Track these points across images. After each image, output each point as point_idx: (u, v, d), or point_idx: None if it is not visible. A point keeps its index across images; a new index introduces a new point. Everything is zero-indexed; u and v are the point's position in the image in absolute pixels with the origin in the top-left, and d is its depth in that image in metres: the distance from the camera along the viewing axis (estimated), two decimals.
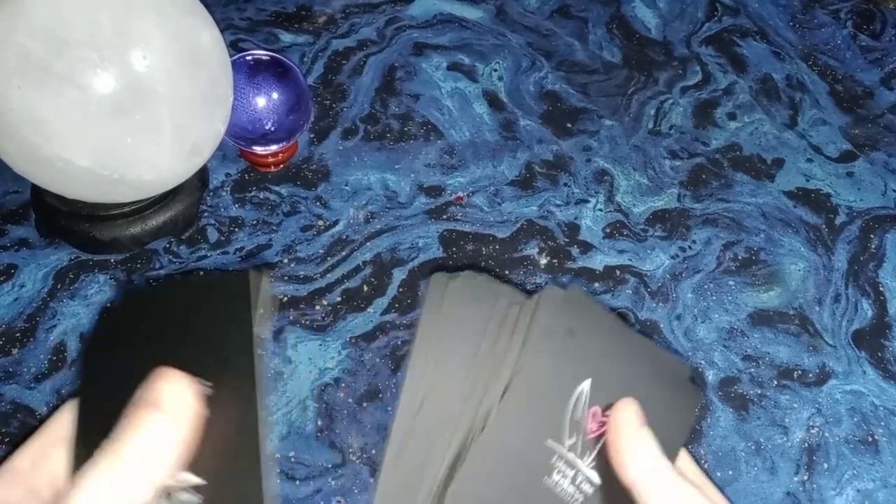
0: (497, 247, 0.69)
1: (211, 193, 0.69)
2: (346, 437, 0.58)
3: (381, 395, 0.60)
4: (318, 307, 0.63)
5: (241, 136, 0.68)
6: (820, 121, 0.82)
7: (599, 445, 0.29)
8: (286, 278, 0.64)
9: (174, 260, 0.64)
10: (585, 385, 0.29)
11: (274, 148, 0.69)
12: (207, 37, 0.57)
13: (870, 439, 0.61)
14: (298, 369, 0.60)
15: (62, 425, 0.27)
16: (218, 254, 0.65)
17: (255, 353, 0.26)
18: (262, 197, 0.69)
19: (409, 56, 0.82)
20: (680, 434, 0.31)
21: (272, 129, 0.69)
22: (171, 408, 0.24)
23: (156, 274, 0.64)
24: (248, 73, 0.67)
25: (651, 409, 0.29)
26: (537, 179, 0.74)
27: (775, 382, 0.64)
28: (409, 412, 0.28)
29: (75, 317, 0.61)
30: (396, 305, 0.64)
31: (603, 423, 0.29)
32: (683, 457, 0.31)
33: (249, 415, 0.25)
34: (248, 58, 0.67)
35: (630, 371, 0.30)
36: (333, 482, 0.56)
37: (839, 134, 0.81)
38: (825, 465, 0.59)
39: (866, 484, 0.59)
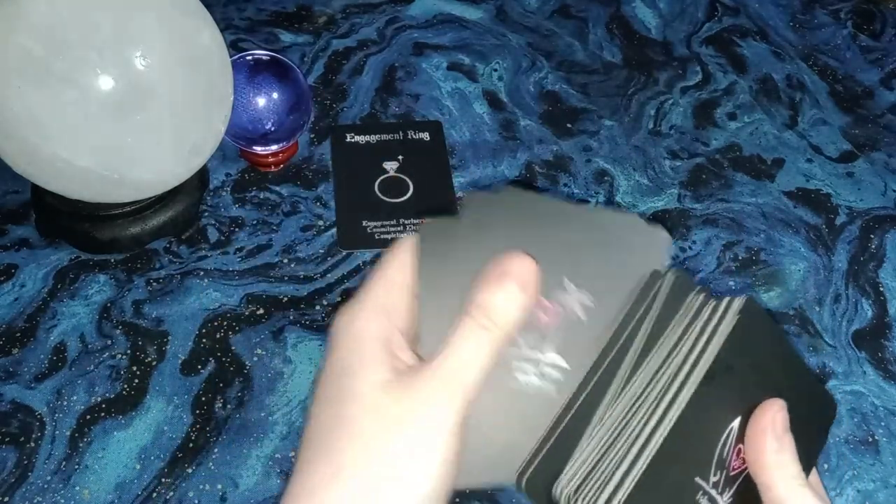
0: None
1: (211, 193, 0.69)
2: None
3: None
4: (318, 307, 0.63)
5: (241, 136, 0.68)
6: (820, 121, 0.82)
7: (738, 482, 0.28)
8: (286, 278, 0.64)
9: (174, 260, 0.64)
10: (736, 422, 0.28)
11: (274, 148, 0.69)
12: (207, 37, 0.57)
13: (870, 439, 0.61)
14: (298, 369, 0.60)
15: (403, 273, 0.28)
16: (218, 254, 0.65)
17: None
18: (262, 197, 0.69)
19: (409, 56, 0.82)
20: (817, 445, 0.30)
21: (272, 129, 0.69)
22: (519, 277, 0.26)
23: (156, 274, 0.64)
24: (248, 73, 0.67)
25: (792, 418, 0.28)
26: (537, 179, 0.74)
27: None
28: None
29: (75, 317, 0.61)
30: None
31: (745, 460, 0.28)
32: (813, 472, 0.30)
33: None
34: (248, 58, 0.67)
35: (777, 394, 0.28)
36: None
37: (839, 134, 0.81)
38: (825, 466, 0.59)
39: (866, 484, 0.59)
